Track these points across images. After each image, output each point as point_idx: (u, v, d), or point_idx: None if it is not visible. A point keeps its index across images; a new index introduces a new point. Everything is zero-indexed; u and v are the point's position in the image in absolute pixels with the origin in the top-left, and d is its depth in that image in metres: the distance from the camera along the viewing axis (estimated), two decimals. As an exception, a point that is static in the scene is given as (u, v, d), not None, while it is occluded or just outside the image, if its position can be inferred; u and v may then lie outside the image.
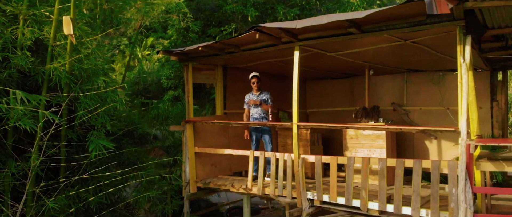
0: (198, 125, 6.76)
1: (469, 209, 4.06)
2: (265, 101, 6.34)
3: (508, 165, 4.08)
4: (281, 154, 5.62)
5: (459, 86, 4.16)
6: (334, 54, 5.90)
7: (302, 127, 6.53)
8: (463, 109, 4.09)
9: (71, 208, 5.42)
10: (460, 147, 4.11)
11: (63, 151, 5.50)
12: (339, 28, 4.91)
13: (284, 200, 5.60)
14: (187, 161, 6.61)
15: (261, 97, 6.36)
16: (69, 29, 4.89)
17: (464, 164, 4.08)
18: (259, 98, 6.34)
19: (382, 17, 4.45)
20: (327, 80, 8.73)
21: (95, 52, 5.59)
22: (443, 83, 6.99)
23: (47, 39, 5.27)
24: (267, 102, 6.35)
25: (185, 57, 6.75)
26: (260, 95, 6.39)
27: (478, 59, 5.95)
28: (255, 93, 6.45)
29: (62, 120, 5.23)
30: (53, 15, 5.21)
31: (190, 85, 6.81)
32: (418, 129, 4.41)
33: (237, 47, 6.06)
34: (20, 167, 4.98)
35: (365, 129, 5.60)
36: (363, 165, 4.86)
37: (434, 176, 4.37)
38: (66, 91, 5.22)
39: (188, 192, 6.61)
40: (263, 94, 6.39)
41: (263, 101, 6.34)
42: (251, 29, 5.19)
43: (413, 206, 4.47)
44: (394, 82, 7.67)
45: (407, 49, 5.56)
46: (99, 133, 5.55)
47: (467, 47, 4.10)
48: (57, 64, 5.12)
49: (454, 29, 4.25)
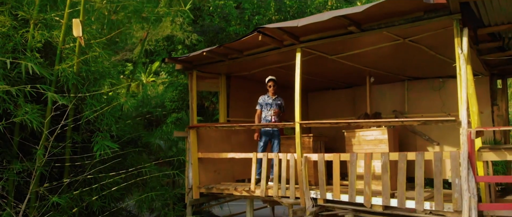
0: (201, 132, 6.82)
1: (473, 198, 4.06)
2: (279, 106, 6.41)
3: (510, 153, 4.11)
4: (284, 154, 5.66)
5: (458, 78, 4.25)
6: (335, 57, 6.03)
7: (305, 136, 6.56)
8: (463, 99, 4.17)
9: (73, 208, 5.43)
10: (461, 136, 4.16)
11: (68, 151, 5.56)
12: (339, 28, 5.05)
13: (287, 201, 5.58)
14: (190, 166, 6.64)
15: (277, 102, 6.43)
16: (78, 32, 5.06)
17: (466, 152, 4.11)
18: (274, 102, 6.40)
19: (381, 13, 4.59)
20: (328, 91, 8.84)
21: (103, 56, 5.74)
22: (444, 90, 7.08)
23: (56, 43, 5.43)
24: (282, 108, 6.42)
25: (190, 65, 6.90)
26: (275, 100, 6.45)
27: (477, 63, 6.07)
28: (271, 96, 6.49)
29: (68, 120, 5.33)
30: (63, 20, 5.41)
31: (194, 93, 6.93)
32: (420, 120, 4.46)
33: (240, 52, 6.21)
34: (25, 166, 5.03)
35: (369, 125, 5.56)
36: (365, 160, 4.88)
37: (436, 167, 4.39)
38: (73, 92, 5.33)
39: (190, 198, 6.60)
40: (278, 99, 6.47)
41: (278, 106, 6.39)
42: (254, 31, 5.35)
43: (417, 199, 4.46)
44: (395, 91, 7.77)
45: (407, 50, 5.68)
46: (104, 135, 5.63)
47: (464, 38, 4.22)
48: (65, 65, 5.26)
49: (451, 24, 4.39)
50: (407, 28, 4.68)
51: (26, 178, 5.07)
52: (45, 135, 4.94)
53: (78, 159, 5.73)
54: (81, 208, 5.72)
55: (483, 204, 4.16)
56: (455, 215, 4.22)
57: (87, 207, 5.87)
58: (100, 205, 5.80)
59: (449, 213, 4.27)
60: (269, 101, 6.39)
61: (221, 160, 6.99)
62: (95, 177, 5.44)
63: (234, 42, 5.74)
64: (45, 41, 5.21)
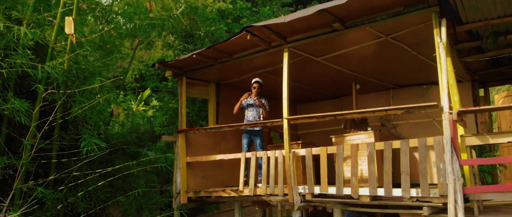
0: (190, 138, 6.85)
1: (457, 180, 4.12)
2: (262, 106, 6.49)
3: (492, 137, 4.23)
4: (273, 151, 5.70)
5: (438, 66, 4.42)
6: (321, 59, 6.21)
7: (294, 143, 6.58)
8: (443, 84, 4.32)
9: (57, 206, 5.35)
10: (444, 120, 4.27)
11: (55, 147, 5.54)
12: (324, 26, 5.26)
13: (276, 199, 5.55)
14: (178, 170, 6.61)
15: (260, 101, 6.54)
16: (70, 29, 5.18)
17: (449, 136, 4.21)
18: (255, 102, 6.50)
19: (363, 9, 4.81)
20: (316, 102, 9.00)
21: (93, 55, 5.84)
22: (427, 96, 7.27)
23: (48, 41, 5.53)
24: (266, 107, 6.52)
25: (179, 71, 7.01)
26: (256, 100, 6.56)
27: (458, 66, 6.28)
28: (253, 97, 6.61)
29: (56, 115, 5.33)
30: (56, 20, 5.54)
31: (184, 98, 7.00)
32: (403, 107, 4.56)
33: (229, 55, 6.36)
34: (11, 162, 4.98)
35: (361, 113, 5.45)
36: (352, 152, 4.95)
37: (421, 154, 4.47)
38: (63, 89, 5.38)
39: (178, 202, 6.52)
40: (260, 99, 6.57)
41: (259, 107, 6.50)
42: (243, 30, 5.52)
43: (403, 186, 4.50)
44: (381, 100, 7.93)
45: (389, 51, 5.89)
46: (91, 132, 5.63)
47: (443, 28, 4.42)
48: (55, 62, 5.34)
49: (430, 18, 4.61)
50: (389, 23, 4.88)
51: (12, 173, 5.01)
52: (33, 128, 4.93)
53: (65, 156, 5.70)
54: (66, 209, 5.63)
55: (468, 187, 4.21)
56: (441, 200, 4.25)
57: (72, 208, 5.78)
58: (85, 207, 5.72)
59: (435, 199, 4.31)
60: (251, 102, 6.51)
61: (209, 166, 6.98)
62: (81, 177, 5.38)
63: (223, 42, 5.89)
64: (36, 40, 5.30)
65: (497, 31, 5.31)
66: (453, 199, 4.09)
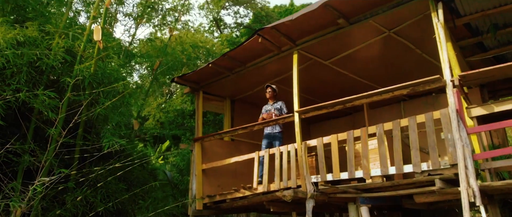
0: (206, 148, 7.07)
1: (466, 147, 4.19)
2: (278, 110, 6.62)
3: (497, 105, 4.35)
4: (285, 146, 5.85)
5: (438, 45, 4.67)
6: (329, 62, 6.54)
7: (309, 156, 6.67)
8: (444, 58, 4.55)
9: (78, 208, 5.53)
10: (448, 91, 4.44)
11: (78, 143, 5.83)
12: (331, 24, 5.65)
13: (289, 193, 5.59)
14: (194, 177, 6.75)
15: (275, 106, 6.68)
16: (98, 36, 5.74)
17: (453, 105, 4.35)
18: (273, 107, 6.67)
19: (365, 3, 5.21)
20: (329, 120, 9.15)
21: (117, 61, 6.33)
22: (437, 104, 7.37)
23: (77, 50, 6.07)
24: (281, 110, 6.61)
25: (197, 86, 7.42)
26: (274, 104, 6.73)
27: (464, 67, 6.48)
28: (269, 102, 6.81)
29: (81, 115, 5.69)
30: (86, 31, 6.12)
31: (200, 111, 7.33)
32: (408, 84, 4.72)
33: (243, 63, 6.76)
34: (38, 160, 5.28)
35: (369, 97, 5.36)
36: (362, 135, 5.08)
37: (429, 127, 4.58)
38: (89, 90, 5.80)
39: (194, 209, 6.58)
40: (277, 104, 6.73)
41: (276, 110, 6.61)
42: (254, 34, 5.95)
43: (413, 161, 4.57)
44: (392, 113, 8.05)
45: (394, 49, 6.19)
46: (114, 131, 5.95)
47: (440, 10, 4.74)
48: (83, 66, 5.83)
49: (428, 8, 4.95)
50: (390, 15, 5.24)
51: (37, 164, 5.28)
52: (60, 120, 5.27)
53: (88, 157, 5.96)
54: (85, 208, 5.79)
55: (477, 154, 4.26)
56: (452, 171, 4.28)
57: (91, 209, 5.92)
58: (104, 208, 5.86)
59: (446, 170, 4.34)
60: (268, 108, 6.72)
61: (225, 174, 7.10)
62: (100, 179, 5.58)
63: (236, 48, 6.30)
64: (66, 48, 5.84)
65: (496, 23, 5.57)
66: (463, 164, 4.13)
